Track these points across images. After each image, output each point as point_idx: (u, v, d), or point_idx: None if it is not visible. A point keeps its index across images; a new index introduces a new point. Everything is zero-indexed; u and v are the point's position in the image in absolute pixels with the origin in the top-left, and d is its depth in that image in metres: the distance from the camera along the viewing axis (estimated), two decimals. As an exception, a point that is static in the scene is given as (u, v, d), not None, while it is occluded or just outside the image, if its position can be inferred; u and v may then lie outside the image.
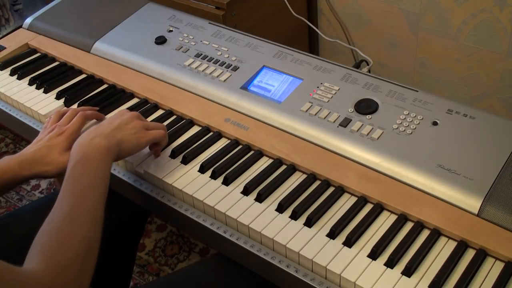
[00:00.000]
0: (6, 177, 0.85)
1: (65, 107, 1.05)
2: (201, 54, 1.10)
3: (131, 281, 1.33)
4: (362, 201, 0.82)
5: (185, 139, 0.95)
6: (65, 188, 0.73)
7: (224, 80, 1.03)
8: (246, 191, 0.84)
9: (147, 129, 0.87)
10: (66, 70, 1.16)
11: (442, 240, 0.76)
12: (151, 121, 0.99)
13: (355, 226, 0.78)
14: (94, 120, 0.99)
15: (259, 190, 0.84)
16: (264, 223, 0.79)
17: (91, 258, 0.68)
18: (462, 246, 0.74)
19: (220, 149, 0.92)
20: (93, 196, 0.72)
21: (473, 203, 0.77)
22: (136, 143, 0.84)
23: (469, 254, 0.74)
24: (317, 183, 0.86)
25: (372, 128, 0.90)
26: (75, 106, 1.05)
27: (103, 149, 0.77)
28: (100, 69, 1.13)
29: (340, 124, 0.92)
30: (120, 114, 0.87)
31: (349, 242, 0.76)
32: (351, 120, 0.92)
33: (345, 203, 0.82)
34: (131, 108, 1.03)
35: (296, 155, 0.89)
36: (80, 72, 1.16)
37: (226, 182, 0.86)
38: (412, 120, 0.90)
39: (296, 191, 0.84)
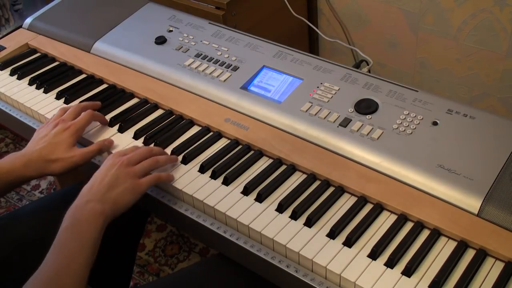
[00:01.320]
0: (11, 178, 0.85)
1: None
2: (201, 54, 1.10)
3: (131, 281, 1.33)
4: (362, 201, 0.82)
5: (185, 139, 0.95)
6: (53, 249, 0.72)
7: (224, 80, 1.03)
8: (246, 191, 0.84)
9: (139, 175, 0.82)
10: (66, 70, 1.16)
11: (442, 240, 0.76)
12: (151, 120, 0.99)
13: (355, 226, 0.78)
14: (98, 124, 0.99)
15: (259, 190, 0.84)
16: (264, 223, 0.79)
17: None
18: (462, 246, 0.74)
19: (220, 149, 0.92)
20: (79, 260, 0.71)
21: (473, 203, 0.77)
22: (131, 199, 0.80)
23: (469, 254, 0.74)
24: (317, 183, 0.86)
25: (372, 128, 0.90)
26: (75, 106, 1.05)
27: (97, 214, 0.75)
28: (100, 69, 1.13)
29: (340, 124, 0.92)
30: (108, 165, 0.82)
31: (349, 242, 0.76)
32: (351, 120, 0.92)
33: (345, 203, 0.82)
34: (131, 108, 1.03)
35: (296, 155, 0.89)
36: (80, 72, 1.16)
37: (226, 182, 0.86)
38: (412, 120, 0.90)
39: (296, 191, 0.84)
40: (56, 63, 1.19)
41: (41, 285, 0.69)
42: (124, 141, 0.96)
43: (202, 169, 0.89)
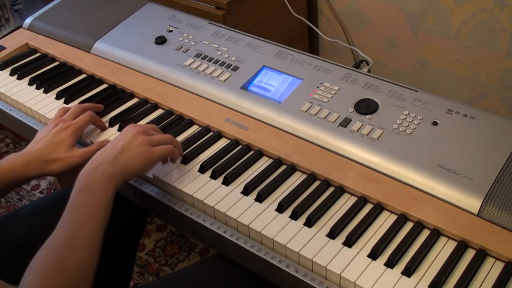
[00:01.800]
0: (12, 178, 0.85)
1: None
2: (201, 54, 1.10)
3: (131, 281, 1.33)
4: (362, 201, 0.82)
5: (185, 139, 0.95)
6: (66, 214, 0.73)
7: (224, 80, 1.03)
8: (246, 191, 0.84)
9: (154, 144, 0.83)
10: (66, 70, 1.16)
11: (442, 240, 0.76)
12: (151, 120, 0.99)
13: (355, 226, 0.78)
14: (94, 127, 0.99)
15: (259, 190, 0.84)
16: (264, 223, 0.79)
17: (85, 284, 0.69)
18: (462, 246, 0.74)
19: (220, 149, 0.92)
20: (92, 225, 0.72)
21: (473, 203, 0.77)
22: (142, 164, 0.81)
23: (469, 254, 0.74)
24: (317, 183, 0.86)
25: (372, 128, 0.90)
26: (75, 106, 1.05)
27: (107, 176, 0.76)
28: (100, 69, 1.13)
29: (340, 124, 0.92)
30: (125, 132, 0.84)
31: (349, 242, 0.76)
32: (351, 120, 0.92)
33: (345, 203, 0.82)
34: (131, 108, 1.03)
35: (296, 155, 0.89)
36: (80, 72, 1.16)
37: (226, 182, 0.86)
38: (412, 120, 0.90)
39: (296, 191, 0.84)
40: (56, 63, 1.19)
41: (54, 251, 0.69)
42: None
43: (202, 169, 0.89)
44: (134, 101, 1.06)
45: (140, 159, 0.80)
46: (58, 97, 1.08)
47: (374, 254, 0.74)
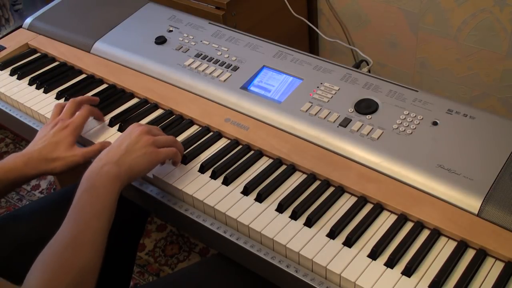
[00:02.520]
0: (13, 177, 0.85)
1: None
2: (201, 54, 1.10)
3: (131, 281, 1.33)
4: (362, 201, 0.82)
5: (185, 139, 0.95)
6: (71, 214, 0.73)
7: (224, 80, 1.03)
8: (246, 191, 0.84)
9: (158, 145, 0.84)
10: (66, 70, 1.16)
11: (442, 240, 0.76)
12: (151, 120, 0.99)
13: (355, 226, 0.78)
14: (96, 124, 0.99)
15: (259, 190, 0.84)
16: (264, 223, 0.79)
17: (89, 285, 0.69)
18: (462, 246, 0.74)
19: (220, 149, 0.92)
20: (97, 225, 0.72)
21: (473, 203, 0.77)
22: (147, 165, 0.81)
23: (469, 254, 0.74)
24: (317, 183, 0.86)
25: (372, 128, 0.90)
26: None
27: (113, 177, 0.76)
28: (100, 69, 1.13)
29: (340, 124, 0.92)
30: (129, 132, 0.84)
31: (349, 242, 0.76)
32: (351, 120, 0.92)
33: (345, 203, 0.82)
34: (131, 108, 1.03)
35: (296, 155, 0.89)
36: (80, 72, 1.16)
37: (226, 182, 0.86)
38: (412, 120, 0.90)
39: (296, 191, 0.84)
40: (56, 63, 1.19)
41: (58, 251, 0.69)
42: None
43: (202, 169, 0.89)
44: (134, 101, 1.06)
45: (145, 161, 0.81)
46: (58, 97, 1.08)
47: (374, 254, 0.74)
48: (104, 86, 1.11)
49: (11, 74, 1.16)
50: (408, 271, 0.72)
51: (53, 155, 0.86)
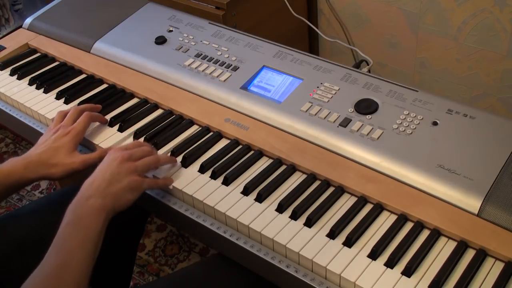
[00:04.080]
0: (12, 180, 0.85)
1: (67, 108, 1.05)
2: (201, 54, 1.10)
3: (131, 281, 1.33)
4: (362, 201, 0.82)
5: (185, 139, 0.95)
6: (54, 245, 0.72)
7: (224, 80, 1.03)
8: (246, 191, 0.84)
9: (140, 171, 0.82)
10: (66, 70, 1.16)
11: (442, 240, 0.76)
12: (151, 120, 0.99)
13: (355, 226, 0.78)
14: (97, 123, 0.99)
15: (259, 190, 0.84)
16: (264, 223, 0.79)
17: None
18: (462, 246, 0.74)
19: (220, 149, 0.92)
20: (80, 255, 0.71)
21: (473, 203, 0.77)
22: (131, 195, 0.80)
23: (469, 254, 0.74)
24: (317, 183, 0.86)
25: (372, 128, 0.90)
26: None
27: (98, 209, 0.75)
28: (100, 69, 1.13)
29: (340, 124, 0.92)
30: (110, 159, 0.82)
31: (349, 242, 0.76)
32: (351, 120, 0.92)
33: (345, 203, 0.82)
34: (131, 108, 1.03)
35: (296, 155, 0.89)
36: (80, 72, 1.16)
37: (226, 182, 0.86)
38: (412, 120, 0.90)
39: (296, 191, 0.84)
40: (56, 63, 1.19)
41: (42, 282, 0.68)
42: (124, 141, 0.96)
43: (202, 169, 0.89)
44: (134, 101, 1.06)
45: (129, 190, 0.80)
46: (58, 97, 1.08)
47: (374, 254, 0.74)
48: (104, 86, 1.11)
49: (11, 74, 1.16)
50: (408, 271, 0.72)
51: (53, 160, 0.86)
